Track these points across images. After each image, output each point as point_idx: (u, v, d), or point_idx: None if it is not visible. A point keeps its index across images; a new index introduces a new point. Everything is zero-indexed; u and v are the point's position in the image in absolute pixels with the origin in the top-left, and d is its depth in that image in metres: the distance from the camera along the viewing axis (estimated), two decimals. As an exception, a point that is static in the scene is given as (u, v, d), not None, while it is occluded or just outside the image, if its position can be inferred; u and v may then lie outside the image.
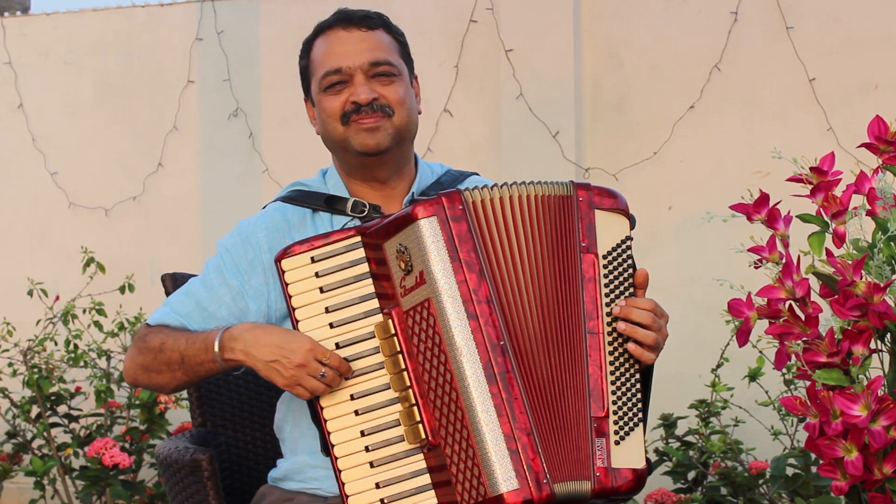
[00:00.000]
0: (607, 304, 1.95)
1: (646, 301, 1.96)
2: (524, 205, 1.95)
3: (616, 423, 1.91)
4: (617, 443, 1.91)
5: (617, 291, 1.96)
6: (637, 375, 1.96)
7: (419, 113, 2.23)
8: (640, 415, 1.94)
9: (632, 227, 2.00)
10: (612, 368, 1.93)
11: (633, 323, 1.93)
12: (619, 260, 1.97)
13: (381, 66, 2.14)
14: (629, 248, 1.99)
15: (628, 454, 1.91)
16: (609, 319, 1.94)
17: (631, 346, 1.93)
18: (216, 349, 2.01)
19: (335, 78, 2.13)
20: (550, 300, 1.93)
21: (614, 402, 1.92)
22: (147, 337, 2.13)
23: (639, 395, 1.95)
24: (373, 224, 1.98)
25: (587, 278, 1.94)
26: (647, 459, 1.95)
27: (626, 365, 1.95)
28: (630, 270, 1.98)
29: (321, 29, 2.20)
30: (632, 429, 1.92)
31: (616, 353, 1.94)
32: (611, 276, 1.96)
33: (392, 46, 2.18)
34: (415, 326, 1.91)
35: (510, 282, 1.92)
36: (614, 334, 1.94)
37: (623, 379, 1.94)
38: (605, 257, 1.96)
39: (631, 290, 1.98)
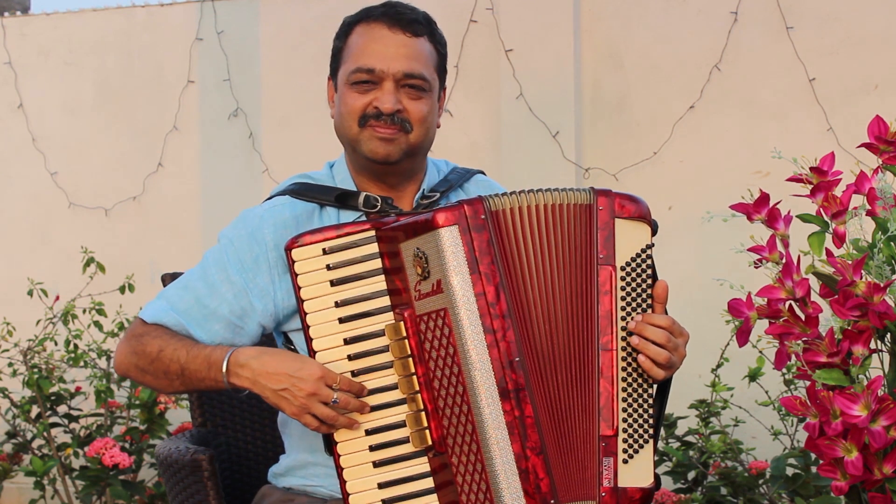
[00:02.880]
0: (623, 318, 1.91)
1: (663, 318, 1.92)
2: (544, 214, 1.91)
3: (626, 440, 1.89)
4: (625, 461, 1.89)
5: (634, 304, 1.92)
6: (650, 391, 1.92)
7: (438, 126, 2.17)
8: (651, 431, 1.91)
9: (653, 232, 1.96)
10: (625, 385, 1.90)
11: (647, 340, 1.89)
12: (638, 271, 1.92)
13: (415, 79, 2.08)
14: (649, 256, 1.94)
15: (636, 473, 1.89)
16: (624, 334, 1.90)
17: (641, 358, 1.89)
18: (223, 371, 1.96)
19: (365, 77, 2.07)
20: (565, 314, 1.90)
21: (625, 420, 1.89)
22: (143, 339, 2.06)
23: (651, 411, 1.91)
24: (389, 220, 1.94)
25: (603, 291, 1.90)
26: (656, 475, 1.92)
27: (640, 380, 1.91)
28: (649, 281, 1.93)
29: (366, 16, 2.12)
30: (641, 446, 1.90)
31: (629, 369, 1.90)
32: (628, 289, 1.91)
33: (430, 58, 2.12)
34: (427, 332, 1.88)
35: (527, 295, 1.88)
36: (628, 349, 1.90)
37: (636, 395, 1.91)
38: (622, 269, 1.91)
39: (649, 301, 1.93)
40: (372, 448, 1.91)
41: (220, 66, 5.07)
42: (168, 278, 2.47)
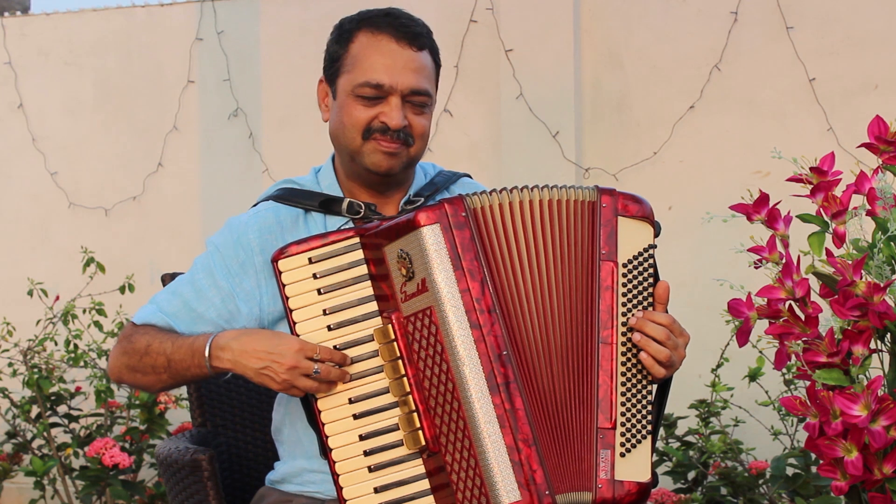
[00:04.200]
0: (624, 314, 1.92)
1: (663, 316, 1.93)
2: (539, 210, 1.92)
3: (623, 434, 1.89)
4: (623, 455, 1.89)
5: (635, 301, 1.93)
6: (650, 387, 1.93)
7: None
8: (650, 427, 1.91)
9: (656, 234, 1.97)
10: (624, 380, 1.91)
11: (648, 336, 1.90)
12: (640, 269, 1.94)
13: (420, 95, 2.08)
14: (651, 256, 1.95)
15: (633, 467, 1.89)
16: (624, 329, 1.91)
17: (643, 355, 1.90)
18: (206, 356, 1.98)
19: (373, 92, 2.07)
20: (560, 308, 1.91)
21: (623, 414, 1.90)
22: (132, 337, 2.10)
23: (649, 408, 1.92)
24: (372, 226, 1.96)
25: (604, 286, 1.91)
26: (654, 473, 1.93)
27: (639, 376, 1.92)
28: (650, 280, 1.95)
29: (370, 24, 2.10)
30: (639, 441, 1.90)
31: (629, 364, 1.91)
32: (630, 286, 1.93)
33: (432, 72, 2.12)
34: (415, 333, 1.89)
35: (514, 289, 1.89)
36: (629, 345, 1.91)
37: (634, 391, 1.91)
38: (625, 266, 1.93)
39: (650, 299, 1.94)
40: (366, 453, 1.91)
41: (220, 66, 5.07)
42: (168, 278, 2.47)
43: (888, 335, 1.82)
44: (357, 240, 1.95)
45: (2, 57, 5.39)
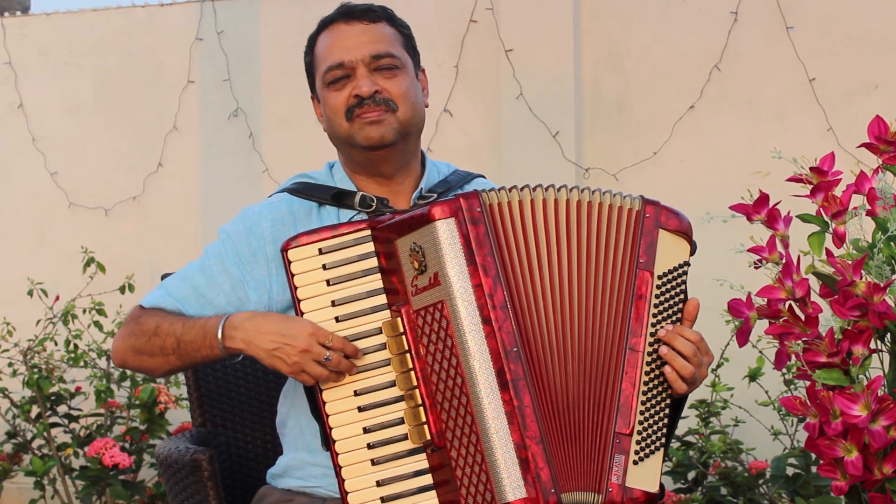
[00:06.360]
0: (653, 325, 1.92)
1: (692, 333, 1.93)
2: (556, 210, 1.92)
3: (638, 442, 1.89)
4: (636, 462, 1.89)
5: (665, 314, 1.94)
6: (668, 400, 1.94)
7: (426, 106, 2.21)
8: (664, 440, 1.92)
9: (692, 252, 1.98)
10: (646, 388, 1.91)
11: (675, 351, 1.91)
12: (673, 284, 1.95)
13: (384, 58, 2.12)
14: (685, 273, 1.97)
15: (644, 476, 1.89)
16: (652, 340, 1.92)
17: (667, 369, 1.91)
18: (219, 336, 1.98)
19: (338, 73, 2.12)
20: (581, 308, 1.90)
21: (640, 423, 1.90)
22: (141, 319, 2.11)
23: (666, 420, 1.93)
24: (384, 219, 1.95)
25: (638, 295, 1.92)
26: (662, 485, 1.93)
27: (660, 388, 1.93)
28: (682, 296, 1.96)
29: (324, 24, 2.18)
30: (652, 451, 1.90)
31: (652, 374, 1.92)
32: (662, 298, 1.94)
33: (395, 39, 2.16)
34: (425, 327, 1.89)
35: (529, 287, 1.89)
36: (654, 356, 1.92)
37: (654, 401, 1.92)
38: (660, 278, 1.94)
39: (679, 315, 1.95)
40: (370, 446, 1.91)
41: (220, 66, 5.07)
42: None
43: (888, 335, 1.82)
44: (368, 232, 1.95)
45: (2, 57, 5.39)
